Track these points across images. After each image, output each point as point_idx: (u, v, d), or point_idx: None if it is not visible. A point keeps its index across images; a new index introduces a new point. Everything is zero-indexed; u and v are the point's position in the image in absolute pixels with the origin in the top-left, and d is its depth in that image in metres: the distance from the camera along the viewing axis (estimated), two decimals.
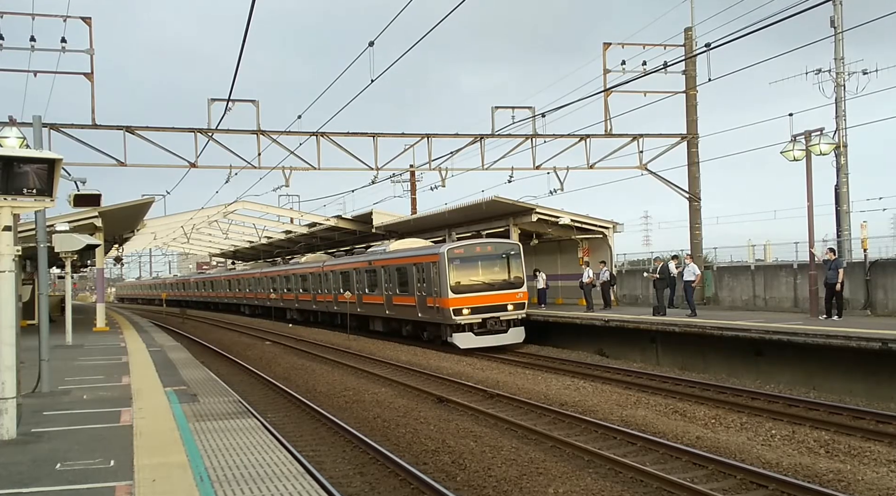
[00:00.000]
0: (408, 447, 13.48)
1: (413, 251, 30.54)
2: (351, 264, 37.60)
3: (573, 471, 11.40)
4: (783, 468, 10.99)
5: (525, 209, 32.81)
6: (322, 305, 42.50)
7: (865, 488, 9.87)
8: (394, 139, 29.61)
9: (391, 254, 32.96)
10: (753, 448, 12.25)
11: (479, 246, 27.75)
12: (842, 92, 23.23)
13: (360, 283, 35.67)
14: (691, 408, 15.46)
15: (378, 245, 40.65)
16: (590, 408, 15.96)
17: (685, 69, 28.54)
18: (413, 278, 29.33)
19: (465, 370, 22.62)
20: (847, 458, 11.50)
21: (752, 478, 10.57)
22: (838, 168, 24.02)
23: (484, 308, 26.41)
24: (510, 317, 26.85)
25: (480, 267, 27.13)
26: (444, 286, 26.47)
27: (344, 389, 20.01)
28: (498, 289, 26.84)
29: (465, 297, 26.34)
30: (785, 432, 13.18)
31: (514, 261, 27.48)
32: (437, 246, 28.39)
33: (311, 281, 44.27)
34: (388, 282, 32.19)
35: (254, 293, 57.55)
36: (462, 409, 16.71)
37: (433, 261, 27.28)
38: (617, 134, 30.02)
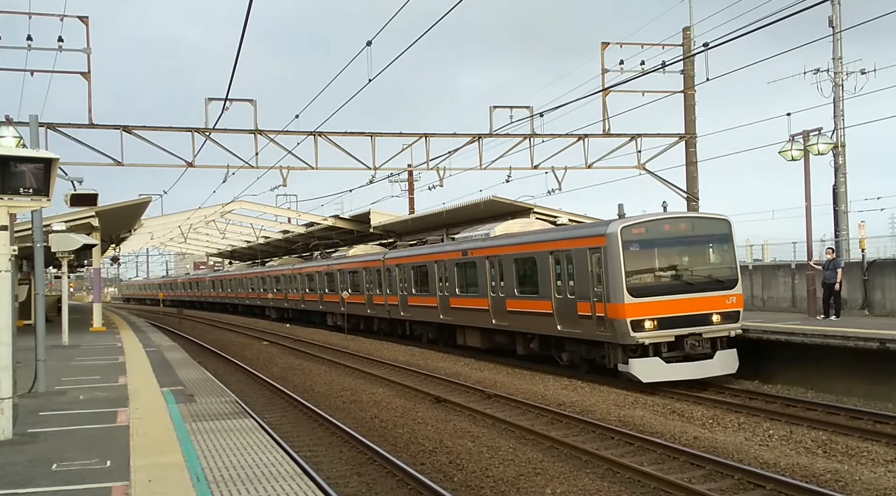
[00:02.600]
0: (405, 447, 13.47)
1: (557, 233, 21.59)
2: (435, 255, 27.93)
3: (571, 472, 11.40)
4: (781, 468, 10.98)
5: (523, 209, 32.78)
6: (383, 310, 33.02)
7: (863, 488, 9.87)
8: (392, 139, 29.54)
9: (503, 240, 23.56)
10: (751, 448, 12.25)
11: (670, 222, 18.36)
12: (840, 91, 23.25)
13: (444, 281, 26.83)
14: (689, 409, 15.46)
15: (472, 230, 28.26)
16: (587, 408, 15.95)
17: (683, 69, 28.53)
18: (547, 273, 20.44)
19: (462, 370, 22.60)
20: (845, 458, 11.49)
21: (749, 478, 10.56)
22: (836, 168, 24.03)
23: (678, 319, 17.41)
24: (717, 333, 17.73)
25: (671, 255, 18.32)
26: (616, 284, 17.53)
27: (341, 389, 19.99)
28: (699, 290, 17.85)
29: (648, 303, 17.36)
30: (782, 432, 13.18)
31: (723, 246, 18.63)
32: (604, 222, 18.86)
33: (366, 277, 34.72)
34: (498, 279, 23.21)
35: (295, 293, 46.64)
36: (460, 409, 16.70)
37: (596, 245, 18.31)
38: (615, 134, 29.99)
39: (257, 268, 59.33)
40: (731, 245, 18.64)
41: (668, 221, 18.36)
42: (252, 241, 62.53)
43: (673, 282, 18.00)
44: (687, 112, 29.64)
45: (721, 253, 18.66)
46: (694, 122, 29.72)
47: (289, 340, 35.43)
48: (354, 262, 36.33)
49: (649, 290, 17.65)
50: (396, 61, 15.48)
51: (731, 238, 18.65)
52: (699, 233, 18.63)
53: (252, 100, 27.00)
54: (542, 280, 20.68)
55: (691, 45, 27.16)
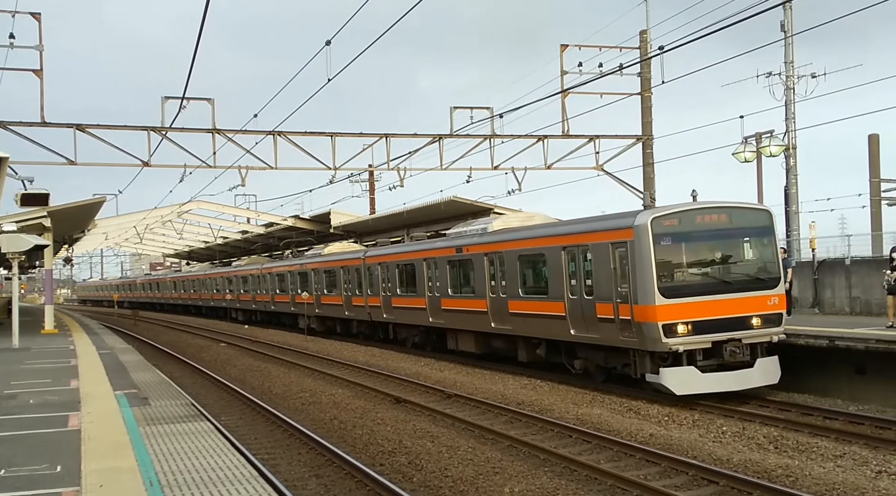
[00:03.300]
0: (364, 448, 13.43)
1: (572, 226, 18.93)
2: (424, 252, 25.71)
3: (529, 470, 11.48)
4: (733, 464, 11.17)
5: (483, 209, 32.93)
6: (363, 312, 30.51)
7: (812, 483, 10.08)
8: (352, 139, 29.46)
9: (504, 234, 21.37)
10: (705, 445, 12.44)
11: (705, 213, 16.24)
12: (791, 95, 23.74)
13: (435, 281, 24.45)
14: (645, 406, 15.65)
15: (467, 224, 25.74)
16: (546, 407, 16.06)
17: (641, 71, 28.88)
18: (558, 271, 18.29)
19: (422, 371, 22.59)
20: (795, 454, 11.74)
21: (703, 474, 10.73)
22: (788, 169, 24.52)
23: (715, 323, 15.43)
24: (757, 338, 15.71)
25: (707, 250, 16.33)
26: (645, 283, 15.47)
27: (300, 391, 19.86)
28: (738, 290, 15.84)
29: (682, 305, 15.40)
30: (735, 429, 13.41)
31: (763, 240, 16.54)
32: (630, 213, 16.71)
33: (343, 277, 32.32)
34: (499, 278, 20.98)
35: (261, 295, 44.40)
36: (419, 410, 16.69)
37: (620, 238, 16.23)
38: (574, 135, 30.25)
39: (223, 267, 57.44)
40: (773, 239, 16.61)
41: (703, 212, 16.18)
42: (210, 241, 61.81)
43: (709, 281, 15.99)
44: (644, 114, 30.01)
45: (762, 248, 16.55)
46: (651, 123, 30.10)
47: (247, 342, 35.08)
48: (331, 261, 34.21)
49: (683, 290, 15.59)
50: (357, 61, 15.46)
51: (773, 231, 16.66)
52: (737, 225, 16.46)
53: (210, 98, 26.73)
54: (553, 279, 18.52)
55: (648, 49, 27.51)
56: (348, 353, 27.94)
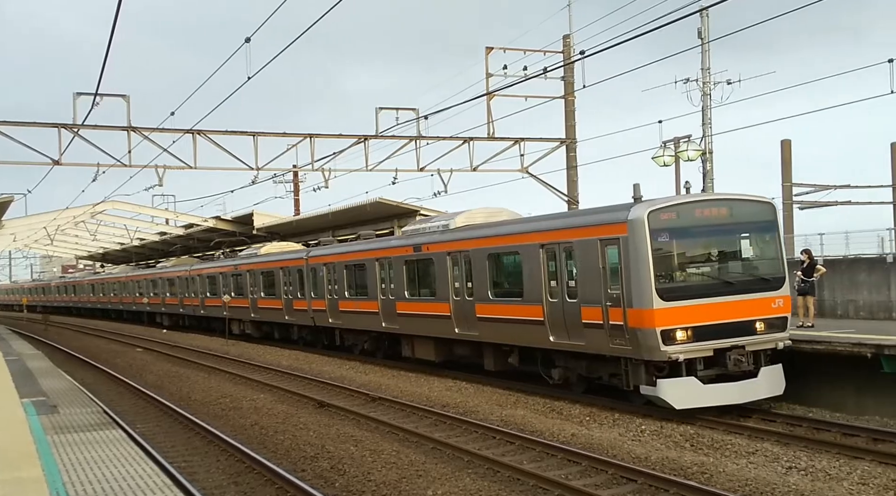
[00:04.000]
0: (286, 454, 13.23)
1: (552, 221, 17.04)
2: (377, 251, 23.65)
3: (452, 472, 11.48)
4: (651, 462, 11.39)
5: (410, 211, 32.88)
6: (305, 316, 28.30)
7: (726, 480, 10.34)
8: (275, 138, 28.98)
9: (469, 231, 19.61)
10: (625, 443, 12.66)
11: (705, 206, 15.00)
12: (708, 100, 24.41)
13: (389, 283, 22.76)
14: (567, 407, 15.83)
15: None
16: (471, 409, 16.10)
17: (564, 75, 29.26)
18: (536, 271, 16.67)
19: (347, 374, 22.40)
20: (710, 451, 12.04)
21: (622, 472, 10.91)
22: (705, 173, 25.19)
23: (717, 328, 14.08)
24: (762, 345, 14.48)
25: (708, 247, 15.00)
26: (641, 285, 13.98)
27: (221, 396, 19.44)
28: (741, 291, 14.49)
29: (681, 308, 13.99)
30: (654, 427, 13.69)
31: (766, 236, 15.28)
32: (623, 206, 14.83)
33: (283, 279, 30.22)
34: (463, 280, 19.24)
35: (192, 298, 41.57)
36: (343, 414, 16.54)
37: (611, 234, 14.66)
38: (499, 137, 30.44)
39: (147, 269, 54.72)
40: (777, 235, 15.21)
41: (702, 205, 14.91)
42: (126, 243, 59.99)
43: (711, 282, 14.52)
44: (567, 117, 30.41)
45: (765, 244, 15.25)
46: (574, 127, 30.51)
47: (166, 347, 34.16)
48: (268, 262, 31.90)
49: (683, 292, 14.14)
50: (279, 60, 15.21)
51: (777, 226, 15.31)
52: (739, 219, 15.04)
53: (125, 95, 25.90)
54: (529, 280, 16.83)
55: (571, 53, 27.91)
56: (271, 357, 27.50)
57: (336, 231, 38.11)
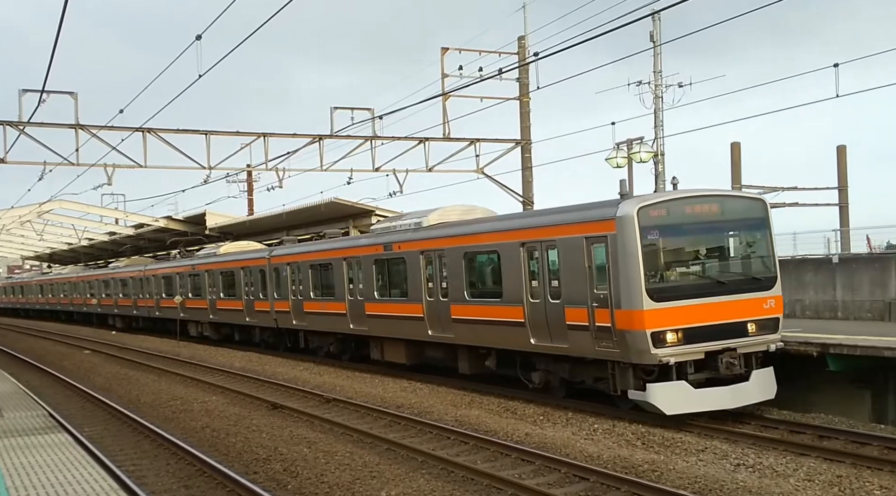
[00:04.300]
0: (238, 456, 13.09)
1: (533, 218, 16.56)
2: (345, 250, 22.74)
3: (406, 473, 11.47)
4: (603, 461, 11.51)
5: (365, 211, 32.74)
6: (268, 318, 27.44)
7: (676, 477, 10.50)
8: (228, 137, 28.61)
9: (444, 229, 18.84)
10: (577, 442, 12.77)
11: (696, 202, 14.37)
12: (660, 103, 24.77)
13: (358, 283, 21.95)
14: (521, 407, 15.91)
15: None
16: (426, 410, 16.10)
17: (519, 77, 29.42)
18: (516, 271, 16.06)
19: (301, 375, 22.23)
20: (661, 449, 12.20)
21: (575, 471, 11.01)
22: (657, 175, 25.55)
23: (708, 330, 13.59)
24: (754, 347, 14.01)
25: (698, 246, 14.47)
26: (631, 284, 13.41)
27: (171, 399, 19.15)
28: (732, 291, 13.99)
29: (672, 309, 13.46)
30: (606, 426, 13.83)
31: (757, 234, 14.77)
32: (610, 203, 14.29)
33: (244, 279, 29.18)
34: (437, 280, 18.67)
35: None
36: (297, 415, 16.42)
37: (598, 232, 14.06)
38: (455, 138, 30.46)
39: (99, 269, 52.99)
40: (769, 233, 14.69)
41: (693, 201, 14.29)
42: (74, 243, 58.70)
43: (702, 282, 13.99)
44: (522, 119, 30.58)
45: (756, 242, 14.74)
46: (529, 128, 30.69)
47: (115, 348, 33.51)
48: (229, 262, 30.91)
49: (674, 293, 13.59)
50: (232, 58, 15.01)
51: (769, 223, 14.73)
52: (730, 217, 14.57)
53: (72, 92, 25.33)
54: (509, 280, 16.21)
55: (526, 54, 28.07)
56: (224, 359, 27.17)
57: (290, 231, 37.75)
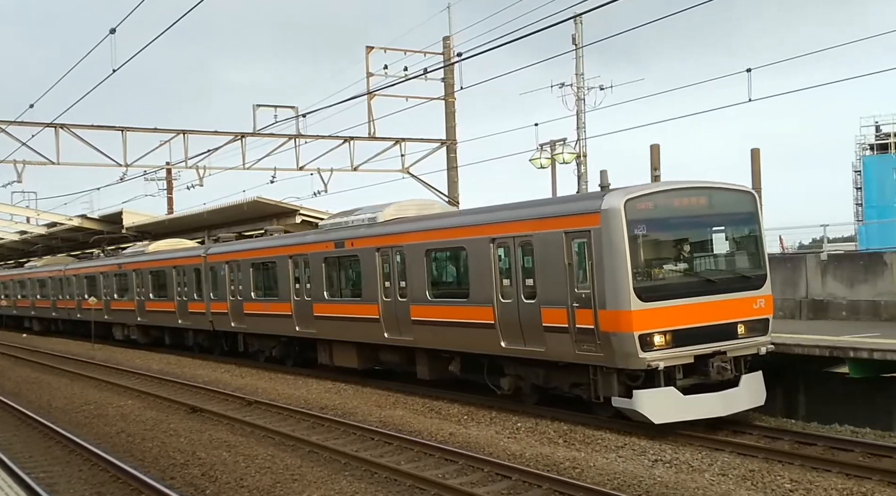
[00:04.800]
0: (154, 461, 12.75)
1: (506, 212, 15.11)
2: (291, 248, 21.44)
3: (329, 475, 11.36)
4: (526, 459, 11.60)
5: (289, 210, 32.29)
6: (203, 320, 25.94)
7: (596, 473, 10.66)
8: (146, 134, 27.90)
9: (402, 225, 17.79)
10: (501, 441, 12.84)
11: (683, 195, 13.45)
12: (582, 105, 25.21)
13: (305, 282, 20.63)
14: (446, 406, 15.92)
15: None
16: (350, 411, 15.98)
17: (444, 77, 29.49)
18: (485, 268, 15.00)
19: (222, 377, 21.81)
20: (582, 447, 12.38)
21: (497, 470, 11.06)
22: (579, 176, 25.99)
23: (698, 332, 12.69)
24: (743, 349, 13.14)
25: (687, 241, 13.54)
26: (617, 283, 12.48)
27: (85, 403, 18.56)
28: (722, 290, 13.10)
29: (661, 310, 12.55)
30: (529, 424, 13.94)
31: (747, 230, 13.92)
32: (593, 195, 13.79)
33: (176, 279, 27.50)
34: (396, 278, 17.43)
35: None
36: (217, 419, 16.11)
37: (580, 226, 13.11)
38: (380, 137, 30.38)
39: (14, 269, 50.11)
40: (759, 228, 13.83)
41: (680, 194, 13.37)
42: None
43: (691, 280, 13.11)
44: (448, 119, 30.67)
45: (746, 238, 13.85)
46: (455, 128, 30.80)
47: (25, 351, 32.26)
48: (159, 260, 29.26)
49: (663, 292, 12.69)
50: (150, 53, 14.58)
51: (758, 218, 13.87)
52: (719, 210, 13.63)
53: None
54: (477, 278, 15.13)
55: (451, 54, 28.16)
56: (141, 362, 26.44)
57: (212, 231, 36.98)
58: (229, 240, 28.09)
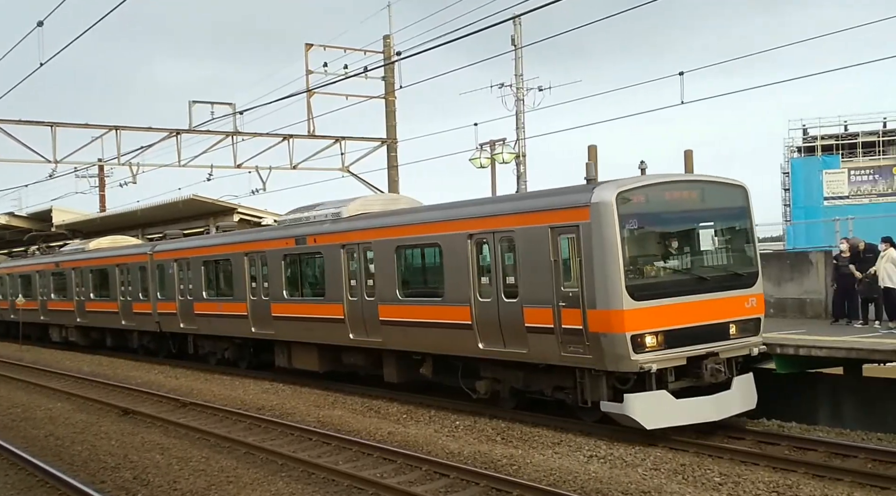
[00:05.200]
0: (84, 465, 12.46)
1: (485, 206, 14.79)
2: (247, 244, 20.47)
3: (265, 477, 11.25)
4: (464, 456, 11.66)
5: (226, 209, 31.89)
6: (149, 321, 24.81)
7: (533, 470, 10.78)
8: (77, 130, 27.15)
9: (369, 220, 16.91)
10: (439, 439, 12.88)
11: (673, 189, 12.90)
12: (521, 105, 25.44)
13: (263, 281, 19.70)
14: (385, 405, 15.90)
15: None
16: (287, 411, 15.84)
17: (384, 75, 29.41)
18: (461, 266, 14.28)
19: (156, 379, 21.38)
20: (520, 444, 12.49)
21: (436, 468, 11.10)
22: (518, 176, 26.23)
23: (690, 333, 12.14)
24: (735, 350, 12.68)
25: (679, 237, 12.93)
26: (609, 281, 11.83)
27: (11, 406, 18.05)
28: (714, 289, 12.54)
29: (653, 309, 11.96)
30: (467, 422, 14.01)
31: (739, 225, 13.44)
32: (582, 188, 12.78)
33: (120, 278, 26.37)
34: (362, 277, 16.65)
35: None
36: (150, 421, 15.81)
37: (567, 221, 12.43)
38: (320, 135, 30.13)
39: None
40: (750, 223, 13.30)
41: (672, 187, 12.79)
42: None
43: (684, 278, 12.57)
44: (388, 118, 30.60)
45: (738, 234, 13.36)
46: (395, 127, 30.73)
47: None
48: (101, 258, 28.05)
49: (656, 290, 12.08)
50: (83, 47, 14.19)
51: (750, 213, 13.30)
52: (710, 205, 13.12)
53: None
54: (454, 276, 14.35)
55: (391, 53, 28.10)
56: (72, 363, 25.73)
57: (146, 229, 36.24)
58: (177, 236, 27.01)
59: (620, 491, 9.66)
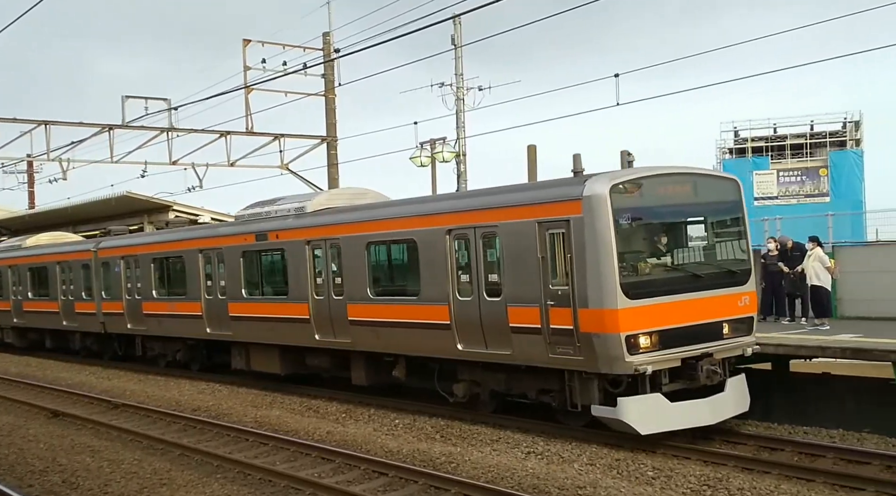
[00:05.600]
0: (10, 469, 12.14)
1: (463, 200, 14.32)
2: (202, 241, 19.58)
3: (200, 479, 11.10)
4: (403, 455, 11.67)
5: (161, 206, 31.26)
6: (93, 322, 23.87)
7: (471, 467, 10.84)
8: (4, 124, 26.30)
9: (336, 215, 16.22)
10: (378, 438, 12.86)
11: (666, 182, 12.32)
12: (462, 105, 25.55)
13: (219, 279, 18.86)
14: (324, 405, 15.81)
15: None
16: (224, 412, 15.65)
17: (324, 73, 29.19)
18: (438, 263, 13.60)
19: (87, 380, 20.88)
20: (458, 441, 12.55)
21: (374, 467, 11.09)
22: (459, 175, 26.33)
23: (685, 332, 11.65)
24: (729, 351, 12.22)
25: (673, 232, 12.58)
26: (602, 278, 11.25)
27: None
28: (708, 286, 12.07)
29: (648, 307, 11.43)
30: (407, 421, 14.02)
31: (731, 220, 13.02)
32: (573, 180, 12.15)
33: (61, 276, 25.29)
34: (328, 274, 15.88)
35: None
36: (81, 423, 15.46)
37: (557, 215, 11.80)
38: (258, 132, 29.74)
39: None
40: (743, 218, 12.83)
41: (666, 180, 12.21)
42: None
43: (679, 276, 12.02)
44: (328, 115, 30.37)
45: (732, 230, 12.89)
46: (335, 125, 30.51)
47: None
48: (40, 255, 26.94)
49: (649, 288, 11.53)
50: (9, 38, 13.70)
51: (743, 207, 12.89)
52: (703, 199, 12.64)
53: None
54: (431, 273, 13.65)
55: (331, 50, 27.91)
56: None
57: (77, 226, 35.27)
58: (122, 233, 25.77)
59: (557, 486, 9.79)
